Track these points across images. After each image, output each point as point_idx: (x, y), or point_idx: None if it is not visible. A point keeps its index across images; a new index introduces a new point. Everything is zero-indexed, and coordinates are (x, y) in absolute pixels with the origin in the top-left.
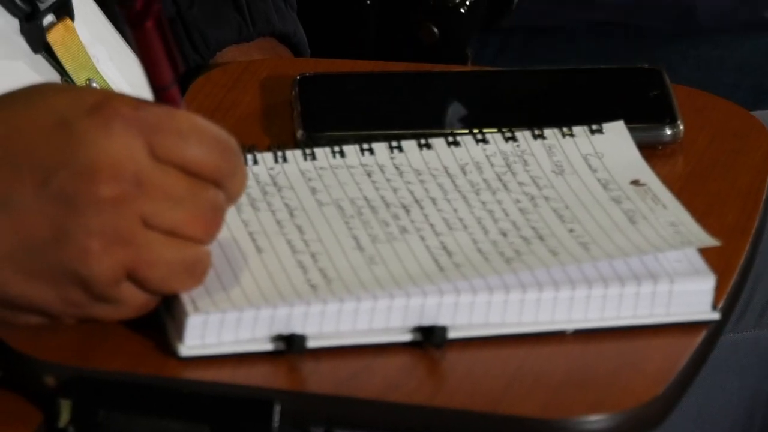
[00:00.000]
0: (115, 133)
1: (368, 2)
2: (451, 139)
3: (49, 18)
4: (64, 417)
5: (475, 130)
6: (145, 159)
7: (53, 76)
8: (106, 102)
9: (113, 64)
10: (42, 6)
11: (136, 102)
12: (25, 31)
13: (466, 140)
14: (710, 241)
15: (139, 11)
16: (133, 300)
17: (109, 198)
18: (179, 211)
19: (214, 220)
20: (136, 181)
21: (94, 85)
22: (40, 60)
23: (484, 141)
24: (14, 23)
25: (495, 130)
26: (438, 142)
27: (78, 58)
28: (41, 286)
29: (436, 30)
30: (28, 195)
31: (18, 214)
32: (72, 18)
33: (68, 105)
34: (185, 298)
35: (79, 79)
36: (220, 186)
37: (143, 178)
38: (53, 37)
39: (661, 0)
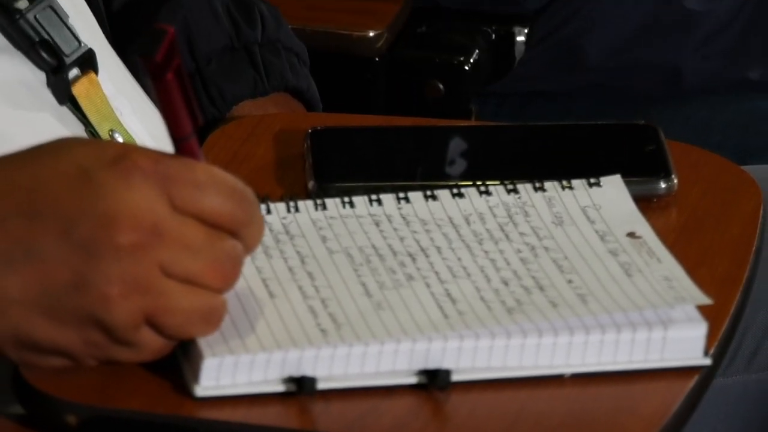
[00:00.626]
0: (135, 185)
1: (377, 60)
2: (455, 190)
3: (74, 71)
4: None
5: (479, 183)
6: (163, 209)
7: (78, 128)
8: (126, 155)
9: (135, 116)
10: (67, 60)
11: (156, 155)
12: (51, 84)
13: (470, 192)
14: (703, 299)
15: (159, 63)
16: (151, 344)
17: (128, 246)
18: (197, 261)
19: (232, 270)
20: (154, 231)
21: (117, 136)
22: (65, 111)
23: (487, 193)
24: (41, 76)
25: (497, 183)
26: (443, 194)
27: (102, 110)
28: (65, 330)
29: (441, 86)
30: (51, 243)
31: (42, 262)
32: (96, 72)
33: (90, 157)
34: (201, 341)
35: (103, 130)
36: (238, 235)
37: (162, 227)
38: (78, 90)
39: (650, 62)
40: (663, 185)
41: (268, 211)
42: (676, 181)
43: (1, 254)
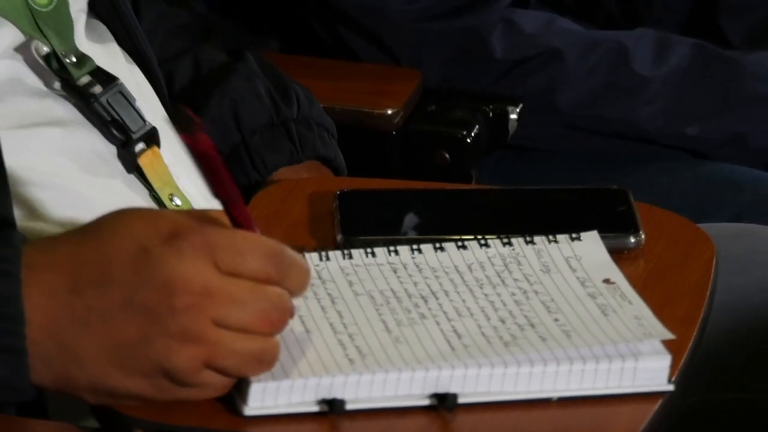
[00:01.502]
0: (186, 256)
1: (394, 133)
2: (459, 243)
3: (140, 145)
4: None
5: (479, 237)
6: (211, 274)
7: (143, 192)
8: (178, 232)
9: (191, 181)
10: (134, 136)
11: (203, 229)
12: (120, 156)
13: (472, 245)
14: (667, 335)
15: (193, 139)
16: (214, 383)
17: (183, 307)
18: (245, 312)
19: (278, 317)
20: (205, 292)
21: (176, 199)
22: (132, 179)
23: (486, 245)
24: (113, 149)
25: (495, 237)
26: (449, 246)
27: (163, 178)
28: (136, 378)
29: (447, 155)
30: (119, 308)
31: (113, 323)
32: (159, 146)
33: (147, 234)
34: None
35: (164, 195)
36: (281, 286)
37: (211, 289)
38: (143, 161)
39: (609, 118)
40: (632, 240)
41: None
42: (643, 236)
43: (78, 318)
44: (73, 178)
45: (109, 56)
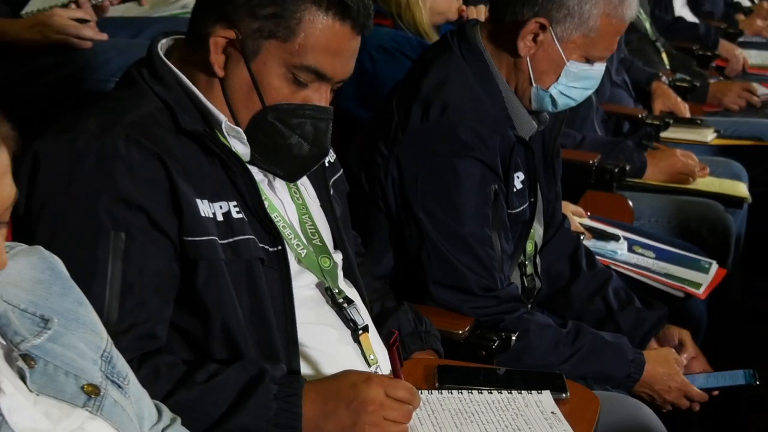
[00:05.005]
0: (373, 388)
1: (461, 342)
2: (489, 391)
3: (360, 330)
4: None
5: (498, 389)
6: (383, 396)
7: (358, 352)
8: (369, 377)
9: (380, 350)
10: (359, 326)
11: (380, 377)
12: (352, 335)
13: (495, 392)
14: None
15: (390, 344)
16: None
17: (371, 410)
18: (398, 413)
19: (409, 416)
20: (380, 405)
21: (371, 356)
22: (356, 347)
23: (500, 392)
24: (348, 332)
25: (504, 389)
26: (485, 392)
27: (368, 346)
28: None
29: (484, 353)
30: (343, 411)
31: (339, 417)
32: (368, 332)
33: (356, 379)
34: None
35: (368, 354)
36: (411, 404)
37: (383, 403)
38: (361, 338)
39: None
40: (564, 395)
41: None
42: (569, 394)
43: (325, 414)
44: (332, 347)
45: (351, 297)
